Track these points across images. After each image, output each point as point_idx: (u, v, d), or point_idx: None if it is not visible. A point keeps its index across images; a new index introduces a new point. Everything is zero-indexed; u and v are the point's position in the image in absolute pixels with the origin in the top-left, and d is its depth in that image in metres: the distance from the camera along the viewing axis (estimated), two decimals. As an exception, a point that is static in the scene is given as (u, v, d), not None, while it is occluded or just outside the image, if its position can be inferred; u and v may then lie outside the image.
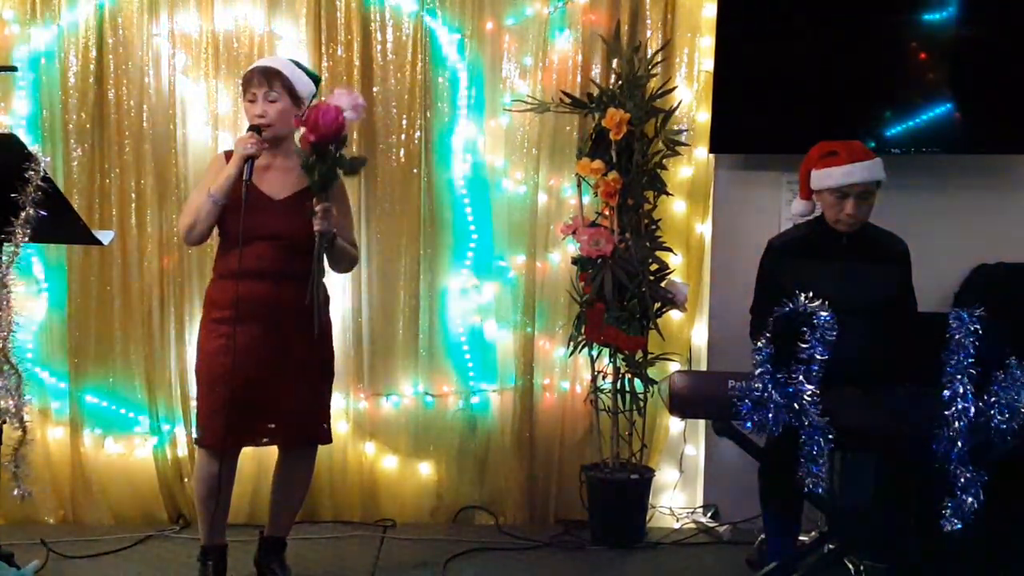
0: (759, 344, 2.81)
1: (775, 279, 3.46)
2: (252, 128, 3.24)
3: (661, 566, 3.88)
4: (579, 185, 4.09)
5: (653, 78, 4.11)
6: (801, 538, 3.55)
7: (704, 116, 4.23)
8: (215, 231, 3.33)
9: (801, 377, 2.77)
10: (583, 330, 4.05)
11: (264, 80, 3.25)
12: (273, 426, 3.33)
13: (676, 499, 4.37)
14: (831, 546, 3.40)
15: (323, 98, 3.37)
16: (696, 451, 4.38)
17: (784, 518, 3.43)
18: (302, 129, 3.20)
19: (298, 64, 3.40)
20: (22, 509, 3.91)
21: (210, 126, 4.12)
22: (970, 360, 2.73)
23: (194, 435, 3.56)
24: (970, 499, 2.71)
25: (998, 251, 4.19)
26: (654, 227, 4.12)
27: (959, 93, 4.11)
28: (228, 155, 3.32)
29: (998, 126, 4.12)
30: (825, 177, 3.42)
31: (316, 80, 3.42)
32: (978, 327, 2.72)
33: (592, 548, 4.01)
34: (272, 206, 3.27)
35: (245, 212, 3.17)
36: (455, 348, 4.31)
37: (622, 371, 4.09)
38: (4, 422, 2.87)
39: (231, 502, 3.42)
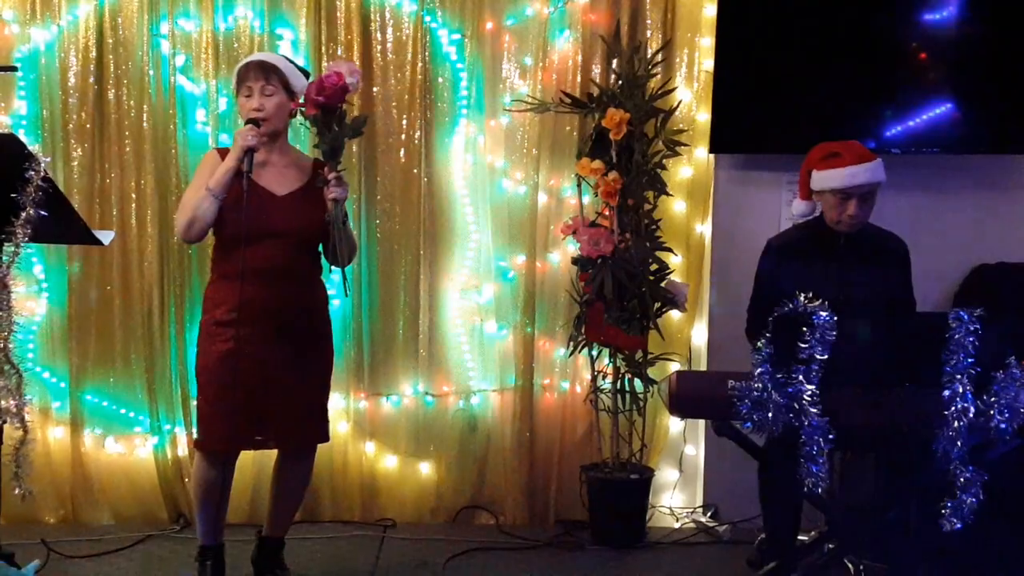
0: (759, 344, 2.81)
1: (774, 279, 3.47)
2: (250, 121, 3.20)
3: (661, 566, 3.88)
4: (579, 185, 4.09)
5: (653, 78, 4.11)
6: (801, 538, 3.55)
7: (704, 116, 4.23)
8: (211, 231, 3.28)
9: (801, 377, 2.77)
10: (583, 330, 4.05)
11: (261, 74, 3.22)
12: (277, 429, 3.29)
13: (676, 499, 4.38)
14: (831, 546, 3.40)
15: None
16: (696, 451, 4.38)
17: (784, 518, 3.43)
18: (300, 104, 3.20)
19: (290, 60, 3.39)
20: (22, 509, 3.90)
21: (210, 126, 4.12)
22: (970, 360, 2.73)
23: (194, 436, 3.52)
24: (970, 499, 2.71)
25: (998, 251, 4.19)
26: (654, 227, 4.12)
27: (959, 93, 4.11)
28: (221, 152, 3.29)
29: (998, 126, 4.12)
30: (828, 178, 3.42)
31: (307, 76, 3.39)
32: (978, 327, 2.73)
33: (592, 548, 4.01)
34: (275, 202, 3.23)
35: (252, 210, 3.13)
36: (455, 348, 4.31)
37: (622, 371, 4.09)
38: (5, 422, 2.87)
39: (229, 502, 3.41)
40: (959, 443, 2.71)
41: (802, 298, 2.78)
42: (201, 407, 3.30)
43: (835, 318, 2.75)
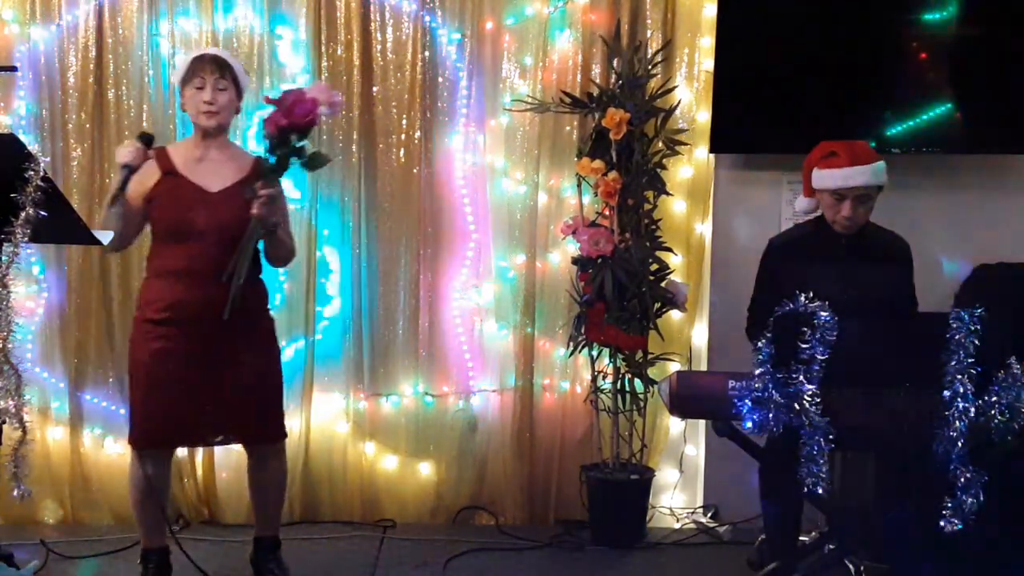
0: (759, 344, 2.81)
1: (775, 279, 3.46)
2: (142, 136, 3.16)
3: (661, 566, 3.88)
4: (579, 185, 4.08)
5: (653, 78, 4.11)
6: (801, 538, 3.55)
7: (704, 116, 4.23)
8: (147, 228, 3.26)
9: (801, 377, 2.77)
10: (583, 330, 4.04)
11: (216, 68, 3.21)
12: (220, 426, 3.26)
13: (676, 499, 4.37)
14: (831, 546, 3.40)
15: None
16: (696, 451, 4.38)
17: (784, 518, 3.43)
18: (269, 111, 3.13)
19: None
20: (22, 509, 3.90)
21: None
22: (970, 360, 2.73)
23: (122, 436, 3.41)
24: (970, 499, 2.71)
25: (998, 251, 4.18)
26: (654, 227, 4.12)
27: (959, 93, 4.11)
28: (158, 152, 3.22)
29: (998, 126, 4.12)
30: (824, 178, 3.41)
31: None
32: (978, 327, 2.72)
33: (592, 548, 4.01)
34: (208, 199, 3.19)
35: (183, 207, 3.13)
36: (455, 348, 4.30)
37: (622, 371, 4.08)
38: (4, 422, 2.87)
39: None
40: (959, 443, 2.71)
41: (803, 298, 2.78)
42: (134, 405, 3.27)
43: (836, 318, 2.75)
